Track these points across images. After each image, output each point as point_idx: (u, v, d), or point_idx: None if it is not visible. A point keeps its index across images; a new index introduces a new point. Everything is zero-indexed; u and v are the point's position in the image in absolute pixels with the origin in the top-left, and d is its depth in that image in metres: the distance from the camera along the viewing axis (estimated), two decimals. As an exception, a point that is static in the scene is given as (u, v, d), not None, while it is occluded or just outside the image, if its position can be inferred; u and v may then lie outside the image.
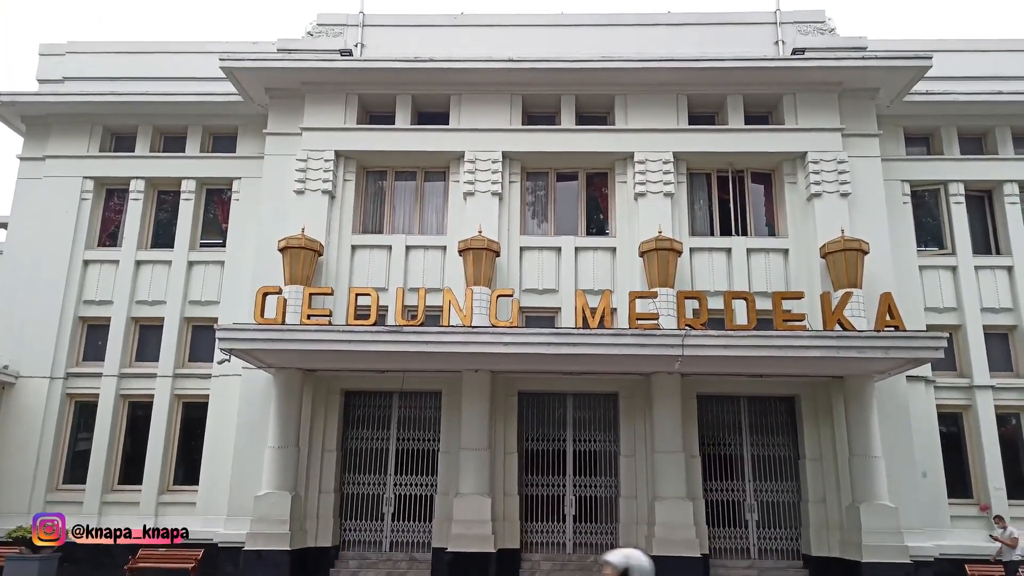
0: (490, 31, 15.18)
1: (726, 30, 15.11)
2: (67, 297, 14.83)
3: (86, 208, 15.36)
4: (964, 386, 13.95)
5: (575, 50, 14.61)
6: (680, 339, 11.02)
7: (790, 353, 11.17)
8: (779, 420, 13.59)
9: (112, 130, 15.94)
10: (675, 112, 14.36)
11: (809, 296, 12.98)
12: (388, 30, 15.28)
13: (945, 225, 14.83)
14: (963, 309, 14.25)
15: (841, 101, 14.24)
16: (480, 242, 13.03)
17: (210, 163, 15.50)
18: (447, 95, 14.59)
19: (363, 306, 12.27)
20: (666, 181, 13.87)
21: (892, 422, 12.72)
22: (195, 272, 14.98)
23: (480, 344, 11.38)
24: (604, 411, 13.69)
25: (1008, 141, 15.11)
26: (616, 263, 13.94)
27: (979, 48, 15.57)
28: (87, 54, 16.16)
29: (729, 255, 13.87)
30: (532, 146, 14.36)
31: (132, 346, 14.91)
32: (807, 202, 13.80)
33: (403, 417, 13.73)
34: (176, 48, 16.15)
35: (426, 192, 14.87)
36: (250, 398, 13.22)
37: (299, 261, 12.98)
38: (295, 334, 11.44)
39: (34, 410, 14.27)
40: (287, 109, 14.64)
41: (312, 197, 13.94)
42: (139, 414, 14.55)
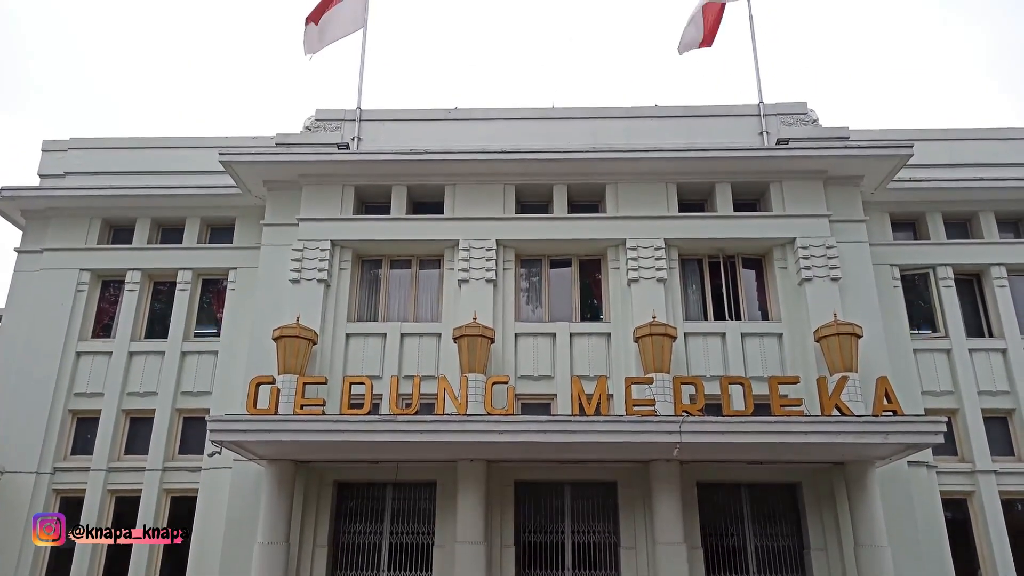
0: (483, 124, 15.63)
1: (712, 122, 15.58)
2: (58, 389, 14.67)
3: (81, 300, 15.39)
4: (967, 471, 13.74)
5: (566, 141, 15.03)
6: (678, 425, 10.90)
7: (789, 439, 11.04)
8: (782, 508, 13.29)
9: (111, 222, 16.14)
10: (665, 200, 14.63)
11: (805, 380, 12.93)
12: (384, 124, 15.71)
13: (937, 308, 14.93)
14: (960, 393, 14.18)
15: (827, 188, 14.55)
16: (475, 329, 13.04)
17: (207, 254, 15.64)
18: (441, 185, 14.88)
19: (357, 395, 12.16)
20: (658, 267, 14.02)
21: (896, 509, 12.45)
22: (188, 362, 14.89)
23: (475, 433, 11.23)
24: (603, 501, 13.39)
25: (993, 225, 15.39)
26: (611, 348, 13.93)
27: (959, 137, 16.02)
28: (89, 149, 16.51)
29: (723, 340, 13.89)
30: (525, 234, 14.56)
31: (121, 439, 14.66)
32: (798, 286, 13.93)
33: (397, 509, 13.39)
34: (176, 143, 16.52)
35: (421, 280, 14.97)
36: (241, 492, 12.91)
37: (293, 350, 12.93)
38: (287, 424, 11.29)
39: (18, 507, 13.89)
40: (284, 200, 14.89)
41: (307, 286, 14.02)
42: (126, 509, 14.16)
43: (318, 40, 16.49)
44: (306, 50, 16.55)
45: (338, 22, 16.57)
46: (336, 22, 16.57)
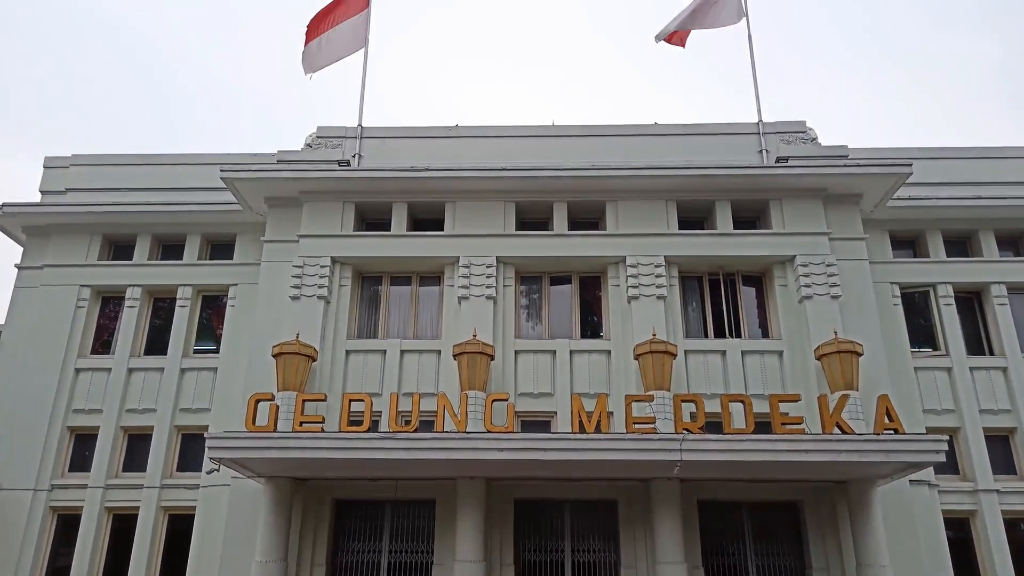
0: (484, 141, 15.67)
1: (711, 140, 15.63)
2: (56, 406, 14.62)
3: (81, 316, 15.38)
4: (969, 490, 13.67)
5: (566, 159, 15.06)
6: (678, 443, 10.85)
7: (791, 457, 10.98)
8: (783, 528, 13.20)
9: (111, 239, 16.16)
10: (665, 217, 14.66)
11: (806, 398, 12.90)
12: (385, 141, 15.76)
13: (937, 326, 14.91)
14: (961, 411, 14.14)
15: (826, 206, 14.58)
16: (475, 346, 13.02)
17: (207, 270, 15.66)
18: (442, 202, 14.91)
19: (356, 412, 12.11)
20: (658, 284, 14.02)
21: (898, 529, 12.38)
22: (187, 379, 14.87)
23: (475, 450, 11.16)
24: (603, 519, 13.30)
25: (992, 243, 15.41)
26: (611, 366, 13.90)
27: (958, 155, 16.10)
28: (90, 166, 16.56)
29: (724, 357, 13.86)
30: (525, 251, 14.57)
31: (119, 456, 14.59)
32: (799, 304, 13.92)
33: (396, 528, 13.31)
34: (177, 160, 16.57)
35: (421, 296, 14.97)
36: (239, 509, 12.83)
37: (292, 367, 12.90)
38: (286, 442, 11.24)
39: (15, 525, 13.82)
40: (285, 217, 14.91)
41: (307, 303, 14.01)
42: (123, 527, 14.07)
43: (318, 59, 16.58)
44: (306, 69, 16.66)
45: (340, 41, 16.68)
46: (337, 41, 16.68)
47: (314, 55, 16.60)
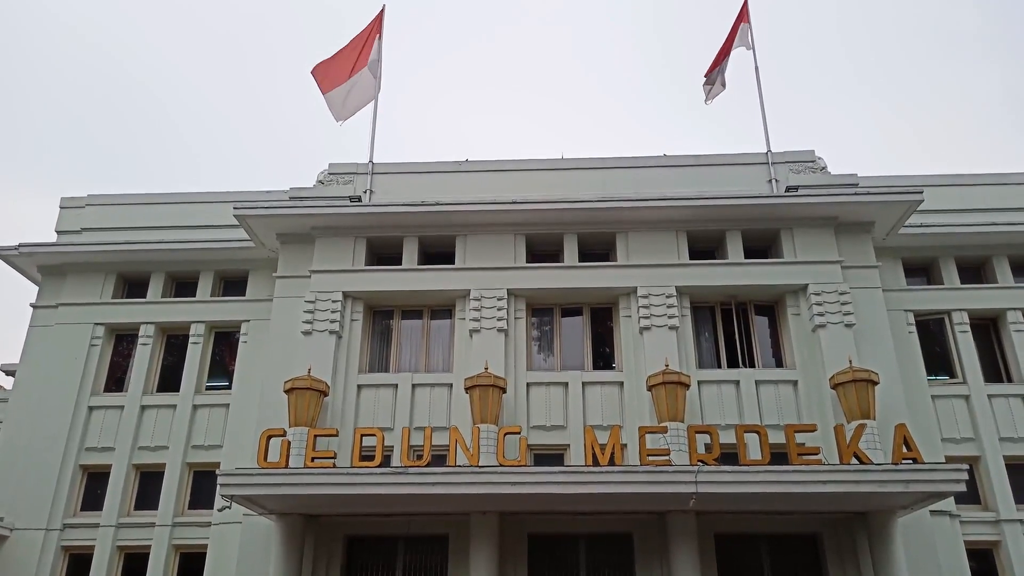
0: (493, 175, 15.78)
1: (720, 170, 15.68)
2: (69, 444, 14.64)
3: (95, 354, 15.46)
4: (991, 520, 13.41)
5: (576, 191, 15.13)
6: (693, 475, 10.73)
7: (808, 488, 10.83)
8: (803, 560, 12.94)
9: (126, 277, 16.30)
10: (676, 247, 14.66)
11: (822, 428, 12.73)
12: (396, 177, 15.90)
13: (953, 354, 14.76)
14: (981, 439, 13.93)
15: (838, 235, 14.55)
16: (487, 379, 12.97)
17: (219, 307, 15.75)
18: (453, 236, 14.98)
19: (368, 447, 12.06)
20: (670, 315, 13.97)
21: (920, 560, 12.09)
22: (199, 416, 14.87)
23: (488, 484, 11.08)
24: (619, 554, 13.08)
25: (1007, 270, 15.30)
26: (624, 397, 13.80)
27: (969, 182, 16.06)
28: (106, 206, 16.78)
29: (738, 387, 13.74)
30: (536, 283, 14.58)
31: (131, 494, 14.56)
32: (812, 333, 13.81)
33: (408, 564, 13.13)
34: (191, 198, 16.78)
35: (432, 330, 14.97)
36: (250, 547, 12.72)
37: (304, 402, 12.88)
38: (298, 478, 11.19)
39: (27, 565, 13.74)
40: (297, 253, 15.01)
41: (319, 338, 14.03)
42: (135, 566, 13.97)
43: (343, 107, 16.91)
44: (336, 117, 16.99)
45: (363, 87, 16.99)
46: (361, 87, 16.99)
47: (339, 103, 16.88)
